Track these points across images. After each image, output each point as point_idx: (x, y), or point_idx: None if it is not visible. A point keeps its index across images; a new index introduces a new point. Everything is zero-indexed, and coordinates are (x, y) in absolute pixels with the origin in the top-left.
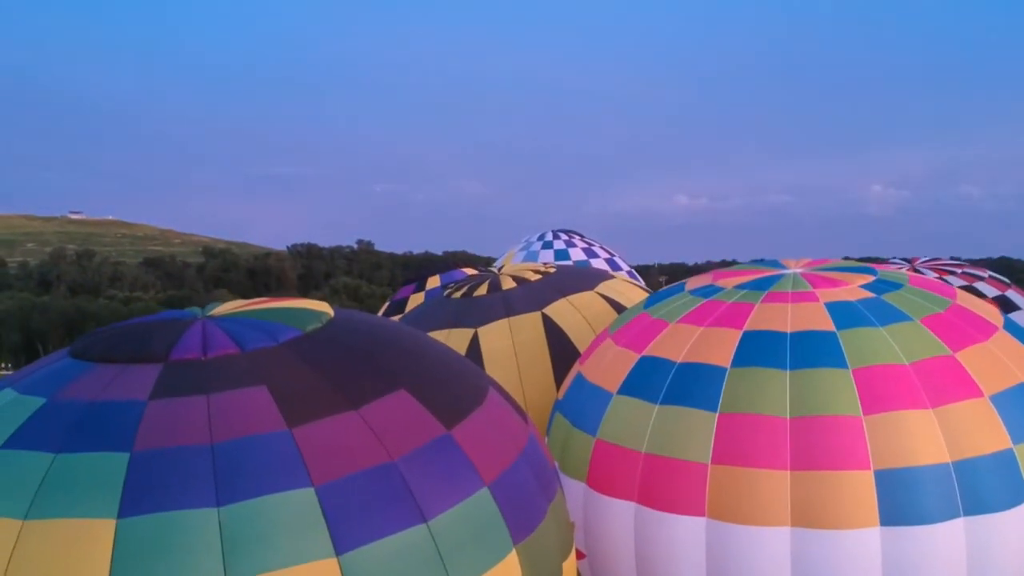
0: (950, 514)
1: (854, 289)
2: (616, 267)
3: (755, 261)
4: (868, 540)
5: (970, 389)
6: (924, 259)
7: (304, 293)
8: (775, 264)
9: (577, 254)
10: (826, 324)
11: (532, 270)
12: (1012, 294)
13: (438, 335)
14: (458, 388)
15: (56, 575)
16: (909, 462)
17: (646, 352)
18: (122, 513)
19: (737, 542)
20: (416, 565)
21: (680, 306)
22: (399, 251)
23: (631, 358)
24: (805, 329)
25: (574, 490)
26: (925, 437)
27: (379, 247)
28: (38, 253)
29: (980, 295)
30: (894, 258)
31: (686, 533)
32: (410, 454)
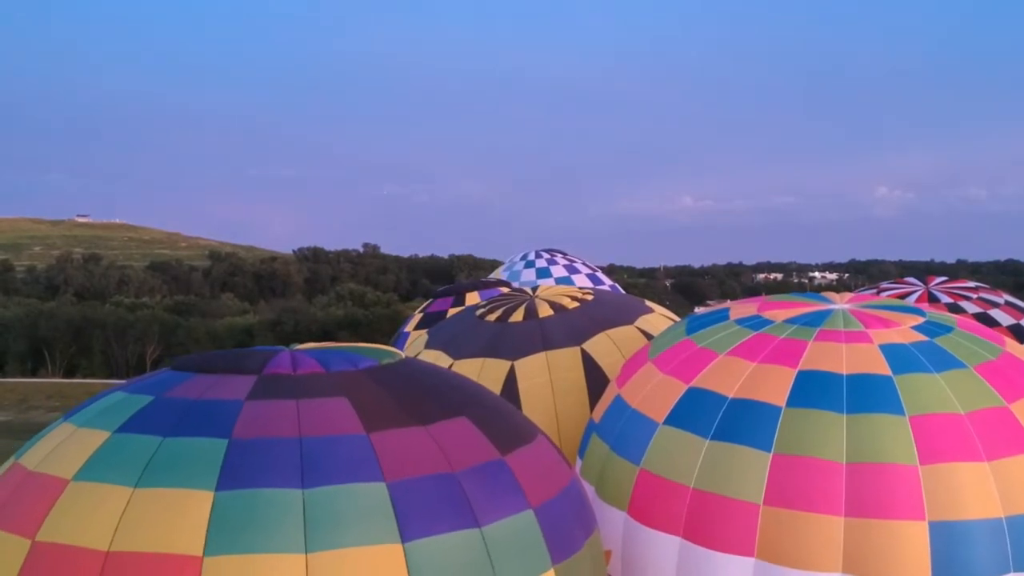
0: (1001, 569)
1: (906, 331)
2: (598, 282)
3: (797, 294)
4: None
5: None
6: (939, 280)
7: (310, 297)
8: (820, 298)
9: (559, 271)
10: (882, 368)
11: (568, 296)
12: None
13: (472, 363)
14: (512, 426)
15: (160, 534)
16: (963, 515)
17: (694, 383)
18: (220, 487)
19: None
20: (469, 562)
21: (727, 336)
22: (405, 254)
23: (678, 388)
24: (861, 372)
25: (613, 518)
26: (980, 490)
27: (385, 250)
28: (45, 257)
29: (994, 323)
30: (910, 279)
31: (733, 573)
32: (469, 469)
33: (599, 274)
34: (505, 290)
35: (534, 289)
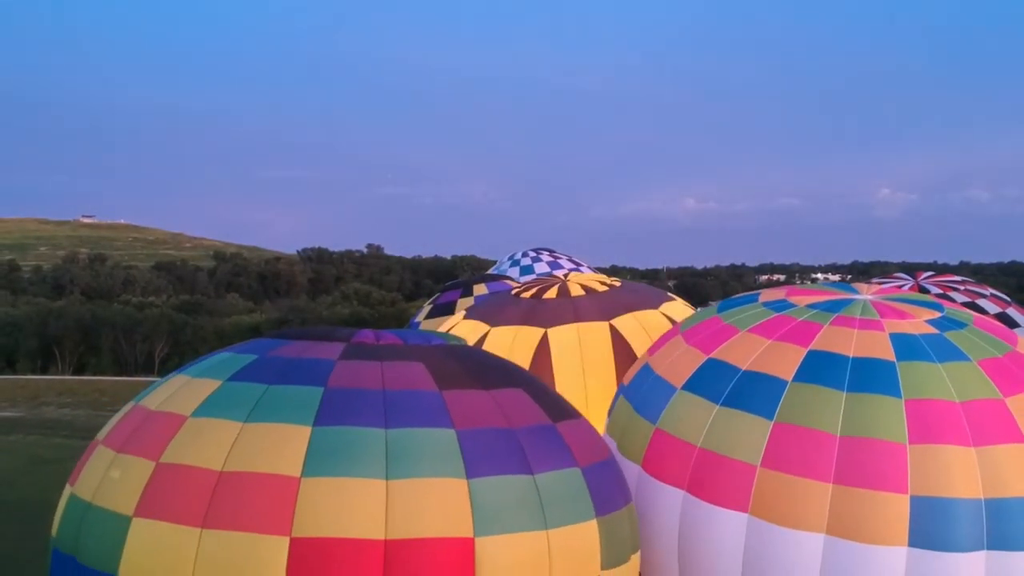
0: (974, 546)
1: (919, 323)
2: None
3: (828, 283)
4: (894, 558)
5: (1013, 434)
6: (928, 274)
7: (314, 297)
8: (849, 288)
9: (542, 267)
10: (887, 354)
11: (599, 281)
12: (1012, 312)
13: (508, 331)
14: (561, 403)
15: (266, 458)
16: (944, 493)
17: (714, 354)
18: (316, 423)
19: (773, 541)
20: (522, 501)
21: (751, 316)
22: (408, 255)
23: (699, 357)
24: (867, 356)
25: (629, 471)
26: (963, 472)
27: (388, 251)
28: (51, 257)
29: (983, 311)
30: (899, 274)
31: (728, 525)
32: (524, 427)
33: (584, 268)
34: (514, 283)
35: (565, 275)
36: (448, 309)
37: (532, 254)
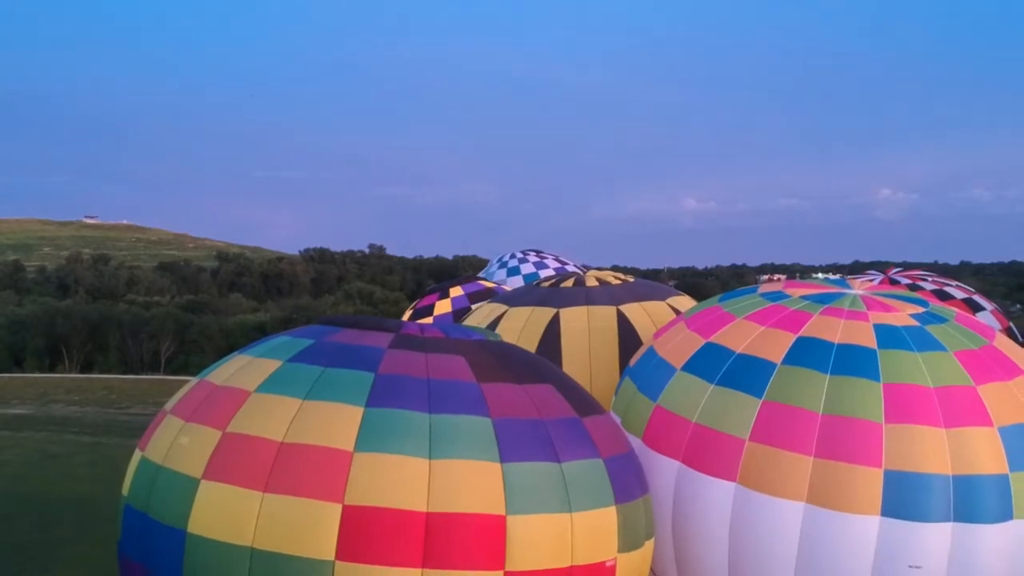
0: (942, 518)
1: (903, 316)
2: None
3: (826, 277)
4: (868, 526)
5: (982, 418)
6: (896, 269)
7: (317, 297)
8: (842, 283)
9: (528, 268)
10: (870, 342)
11: (613, 276)
12: (977, 297)
13: (524, 311)
14: (587, 400)
15: (323, 432)
16: (915, 468)
17: (712, 339)
18: (368, 404)
19: (759, 507)
20: (550, 485)
21: (749, 304)
22: (410, 255)
23: (698, 341)
24: (850, 343)
25: (631, 444)
26: (933, 450)
27: (390, 251)
28: (54, 257)
29: (950, 297)
30: (870, 272)
31: (718, 493)
32: (553, 420)
33: (569, 267)
34: (487, 283)
35: (584, 270)
36: (427, 312)
37: (519, 255)
